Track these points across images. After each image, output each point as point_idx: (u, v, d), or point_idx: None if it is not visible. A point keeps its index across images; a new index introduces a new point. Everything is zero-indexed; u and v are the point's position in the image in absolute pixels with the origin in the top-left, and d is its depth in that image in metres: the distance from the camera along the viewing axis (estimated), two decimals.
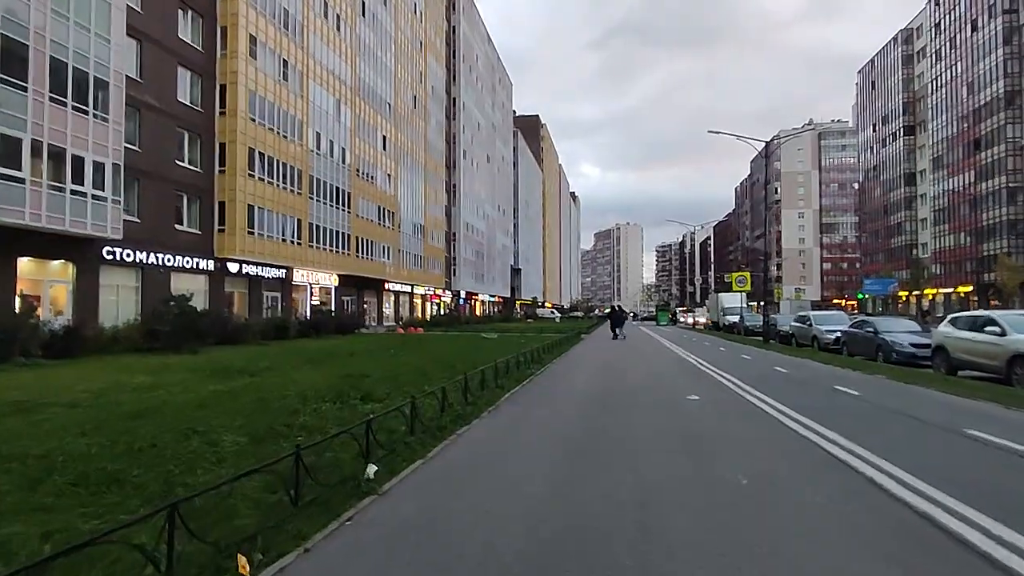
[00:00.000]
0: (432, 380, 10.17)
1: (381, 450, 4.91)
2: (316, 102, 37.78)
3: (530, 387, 10.54)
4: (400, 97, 52.26)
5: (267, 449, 5.01)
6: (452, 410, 7.10)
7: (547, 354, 17.28)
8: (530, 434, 6.35)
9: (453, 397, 7.75)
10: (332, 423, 6.23)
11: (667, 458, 5.27)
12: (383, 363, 13.85)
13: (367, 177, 45.61)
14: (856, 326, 19.50)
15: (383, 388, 9.16)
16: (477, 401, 8.03)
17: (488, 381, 9.63)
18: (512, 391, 9.71)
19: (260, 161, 32.08)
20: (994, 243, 56.43)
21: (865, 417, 7.56)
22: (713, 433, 6.57)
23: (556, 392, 9.95)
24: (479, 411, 7.53)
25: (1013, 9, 55.38)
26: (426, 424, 6.11)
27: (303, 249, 36.63)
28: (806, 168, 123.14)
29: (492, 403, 8.23)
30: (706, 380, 11.95)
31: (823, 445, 5.84)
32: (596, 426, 6.81)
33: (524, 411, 7.82)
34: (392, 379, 10.53)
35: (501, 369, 11.04)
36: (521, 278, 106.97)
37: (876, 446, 5.67)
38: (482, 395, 8.59)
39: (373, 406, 7.39)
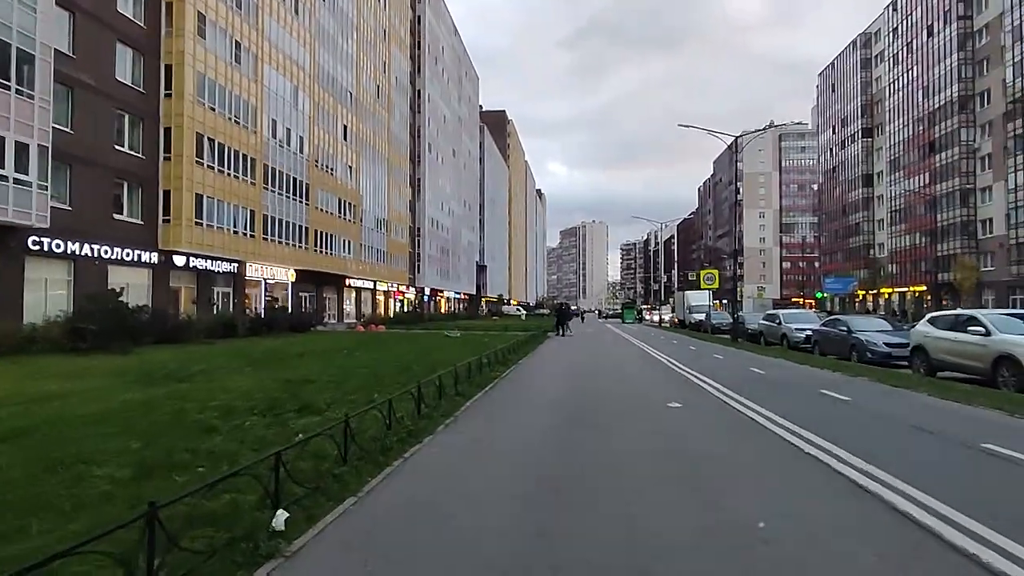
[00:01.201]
0: (384, 386, 9.06)
1: (300, 488, 3.80)
2: (271, 87, 35.90)
3: (494, 394, 9.51)
4: (362, 86, 50.49)
5: (149, 489, 3.84)
6: (402, 425, 6.02)
7: (513, 354, 16.30)
8: (491, 458, 5.32)
9: (405, 408, 6.68)
10: (250, 446, 5.08)
11: (662, 494, 4.30)
12: (334, 366, 12.63)
13: (327, 168, 43.81)
14: (828, 325, 19.11)
15: (327, 396, 8.00)
16: (433, 413, 6.96)
17: (447, 387, 8.57)
18: (473, 399, 8.67)
19: (210, 148, 30.17)
20: (948, 244, 57.97)
21: (868, 430, 6.79)
22: (707, 453, 5.66)
23: (523, 400, 8.95)
24: (434, 425, 6.47)
25: (967, 16, 56.85)
26: (367, 447, 5.03)
27: (257, 242, 34.76)
28: (767, 169, 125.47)
29: (450, 414, 7.17)
30: (683, 383, 11.14)
31: (838, 468, 4.99)
32: (571, 446, 5.82)
33: (486, 425, 6.80)
34: (339, 385, 9.37)
35: (462, 373, 10.00)
36: (487, 275, 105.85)
37: (899, 470, 4.85)
38: (439, 405, 7.52)
39: (310, 421, 6.26)
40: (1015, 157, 48.32)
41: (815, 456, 5.38)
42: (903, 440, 6.24)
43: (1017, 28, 47.93)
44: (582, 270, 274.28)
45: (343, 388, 9.01)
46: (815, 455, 5.42)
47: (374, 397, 7.79)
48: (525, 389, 10.29)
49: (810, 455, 5.43)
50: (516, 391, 10.03)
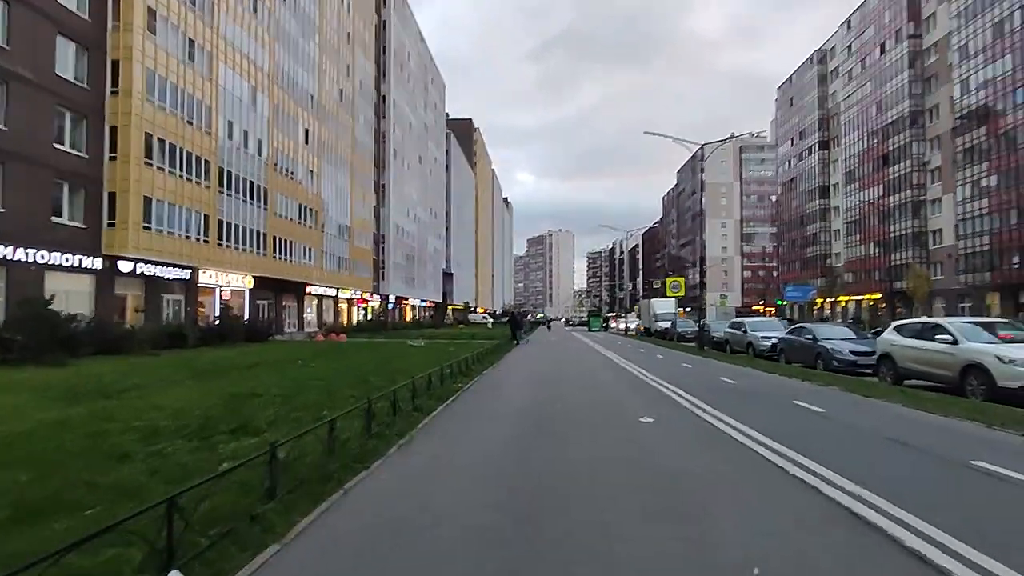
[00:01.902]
0: (337, 401, 8.36)
1: (208, 534, 3.13)
2: (228, 87, 34.61)
3: (455, 408, 8.89)
4: (324, 90, 49.35)
5: (12, 541, 3.10)
6: (348, 448, 5.36)
7: (477, 364, 15.69)
8: (449, 488, 4.68)
9: (353, 428, 6.02)
10: (164, 478, 4.36)
11: (641, 526, 3.78)
12: (286, 378, 11.81)
13: (286, 172, 42.51)
14: (794, 333, 19.11)
15: (270, 414, 7.26)
16: (385, 432, 6.30)
17: (404, 402, 7.92)
18: (433, 414, 8.04)
19: (160, 148, 28.77)
20: (901, 253, 59.89)
21: (849, 445, 6.43)
22: (684, 473, 5.18)
23: (486, 415, 8.36)
24: (385, 447, 5.81)
25: (917, 35, 59.15)
26: (303, 475, 4.37)
27: (211, 248, 33.31)
28: (728, 180, 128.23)
29: (404, 434, 6.52)
30: (654, 395, 10.73)
31: (825, 491, 4.56)
32: (539, 468, 5.26)
33: (444, 446, 6.18)
34: (288, 400, 8.62)
35: (422, 385, 9.36)
36: (453, 283, 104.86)
37: (890, 492, 4.46)
38: (394, 422, 6.87)
39: (243, 444, 5.53)
40: (963, 171, 50.24)
41: (800, 478, 4.95)
42: (888, 457, 5.89)
43: (964, 47, 49.99)
44: (549, 278, 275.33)
45: (291, 404, 8.26)
46: (800, 477, 4.99)
47: (323, 414, 7.09)
48: (489, 402, 9.70)
49: (795, 477, 5.00)
50: (479, 405, 9.43)
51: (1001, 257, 46.14)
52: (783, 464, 5.39)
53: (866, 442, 6.55)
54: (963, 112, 50.09)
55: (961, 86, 50.38)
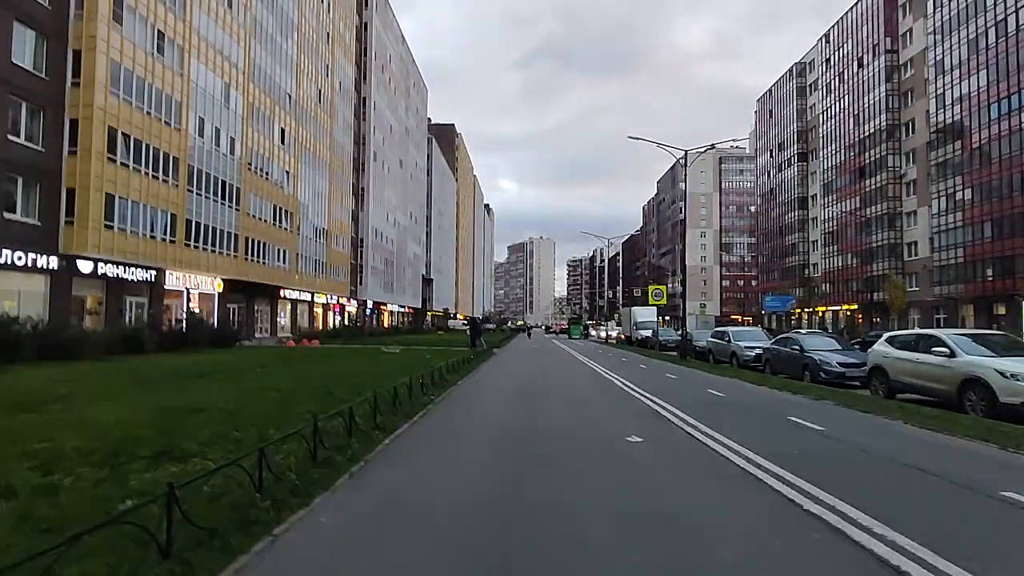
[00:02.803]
0: (290, 417, 7.47)
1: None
2: (199, 83, 33.38)
3: (423, 425, 8.04)
4: (302, 89, 48.22)
5: None
6: (286, 479, 4.50)
7: (453, 373, 14.84)
8: (400, 537, 3.77)
9: (302, 451, 5.16)
10: (34, 527, 3.45)
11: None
12: (240, 389, 10.84)
13: (261, 172, 41.26)
14: (780, 343, 18.61)
15: (206, 434, 6.35)
16: (335, 458, 5.43)
17: (364, 419, 7.07)
18: (396, 434, 7.17)
19: (124, 143, 27.49)
20: (877, 264, 60.45)
21: (862, 472, 5.75)
22: (682, 511, 4.42)
23: (458, 435, 7.50)
24: (333, 477, 4.94)
25: (894, 50, 60.04)
26: (218, 520, 3.51)
27: (178, 248, 31.98)
28: (708, 190, 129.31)
29: (359, 459, 5.66)
30: (640, 409, 10.00)
31: (857, 537, 3.84)
32: (519, 510, 4.41)
33: (405, 477, 5.24)
34: (233, 416, 7.69)
35: (390, 398, 8.50)
36: (433, 289, 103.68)
37: (928, 537, 3.78)
38: (349, 444, 6.00)
39: (162, 474, 4.63)
40: (937, 184, 50.86)
41: (823, 518, 4.22)
42: (911, 488, 5.20)
43: (940, 62, 50.72)
44: (529, 285, 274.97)
45: (236, 420, 7.34)
46: (823, 516, 4.26)
47: (269, 434, 6.20)
48: (461, 420, 8.86)
49: (817, 517, 4.27)
50: (450, 422, 8.58)
51: (975, 269, 46.66)
52: (799, 499, 4.66)
53: (880, 469, 5.86)
54: (938, 126, 50.77)
55: (936, 101, 51.09)
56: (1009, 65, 43.67)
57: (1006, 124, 43.97)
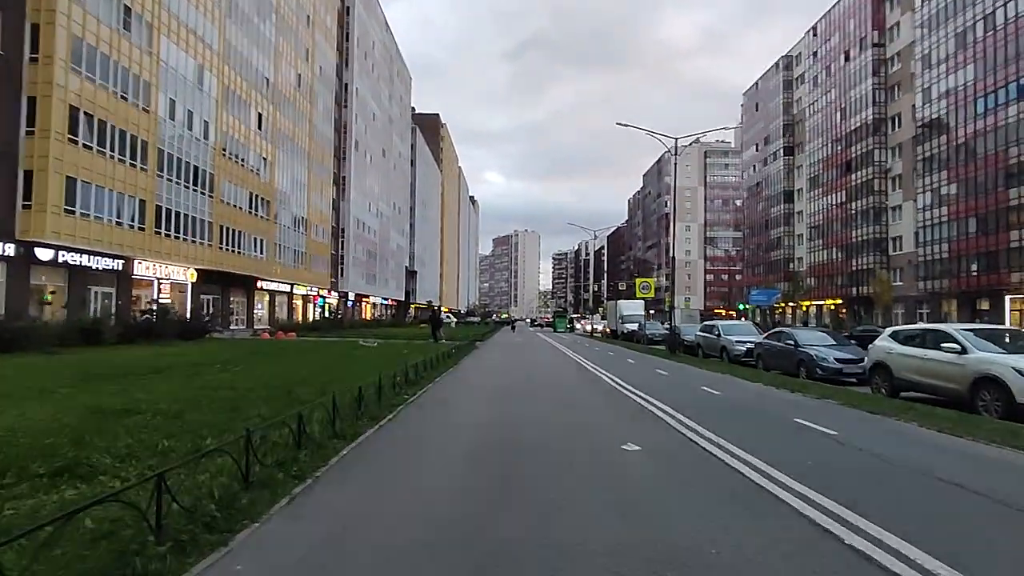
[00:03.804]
0: (239, 422, 6.53)
1: None
2: (170, 63, 31.87)
3: (390, 432, 7.10)
4: (281, 73, 46.64)
5: None
6: (201, 510, 3.57)
7: (431, 369, 13.94)
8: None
9: (232, 470, 4.23)
10: None
11: None
12: (192, 387, 9.84)
13: (236, 158, 39.79)
14: (773, 338, 17.95)
15: (128, 444, 5.39)
16: (275, 476, 4.51)
17: (324, 424, 6.15)
18: (357, 442, 6.25)
19: (87, 124, 26.05)
20: (862, 259, 60.46)
21: (894, 488, 4.98)
22: (695, 550, 3.58)
23: (428, 445, 6.58)
24: (266, 504, 3.99)
25: (881, 43, 59.83)
26: (98, 567, 2.60)
27: (147, 236, 30.60)
28: (693, 184, 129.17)
29: (306, 477, 4.73)
30: (634, 411, 9.19)
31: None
32: (491, 549, 3.55)
33: (356, 502, 4.27)
34: (172, 420, 6.74)
35: (358, 398, 7.58)
36: (416, 281, 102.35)
37: None
38: (297, 458, 5.07)
39: (51, 499, 3.68)
40: (923, 178, 50.78)
41: (871, 556, 3.41)
42: (965, 514, 4.40)
43: (927, 56, 50.53)
44: (514, 278, 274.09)
45: (173, 425, 6.39)
46: (870, 553, 3.45)
47: (206, 444, 5.27)
48: (435, 425, 7.96)
49: (864, 554, 3.46)
50: (422, 426, 7.68)
51: (959, 264, 46.68)
52: (835, 528, 3.86)
53: (916, 486, 5.08)
54: (924, 121, 50.64)
55: (923, 95, 50.93)
56: (996, 59, 43.50)
57: (992, 119, 43.86)
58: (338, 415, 6.46)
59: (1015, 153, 41.73)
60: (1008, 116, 42.44)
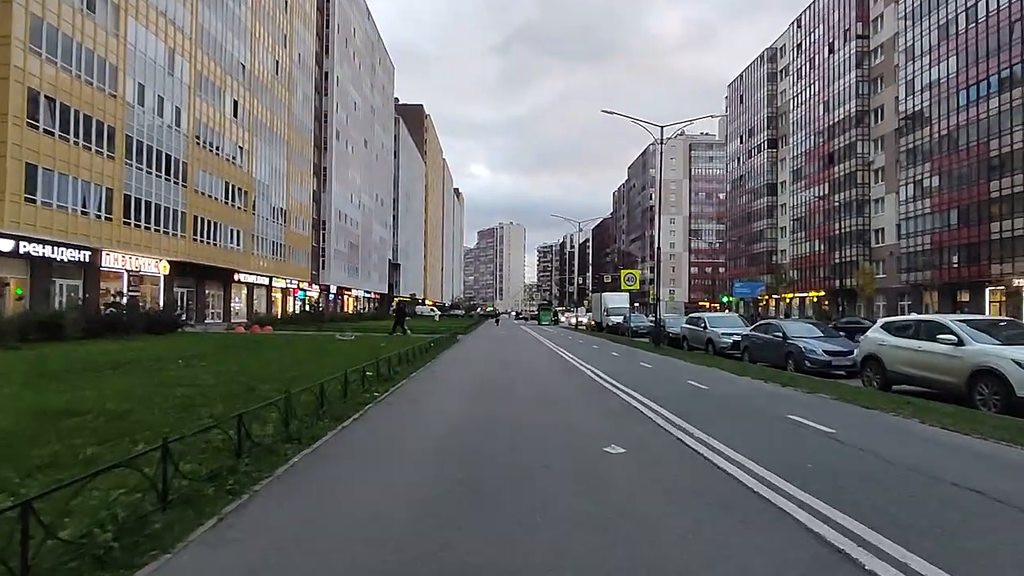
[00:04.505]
0: (187, 423, 5.89)
1: None
2: (138, 46, 30.65)
3: (353, 434, 6.46)
4: (258, 59, 45.36)
5: None
6: (95, 540, 2.95)
7: (407, 364, 13.31)
8: None
9: (141, 490, 3.61)
10: None
11: None
12: (149, 384, 9.14)
13: (211, 147, 38.61)
14: (760, 330, 17.58)
15: (51, 450, 4.72)
16: (204, 491, 3.88)
17: (274, 425, 5.52)
18: (313, 447, 5.62)
19: (49, 108, 24.92)
20: (844, 251, 60.72)
21: (905, 496, 4.48)
22: (695, 572, 3.05)
23: (393, 449, 5.96)
24: (186, 528, 3.32)
25: (865, 35, 59.86)
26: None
27: (116, 227, 29.51)
28: (677, 176, 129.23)
29: (242, 492, 4.12)
30: (617, 407, 8.67)
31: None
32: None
33: (296, 524, 3.60)
34: (115, 421, 6.08)
35: (319, 396, 6.96)
36: (400, 274, 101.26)
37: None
38: (236, 467, 4.45)
39: None
40: (906, 171, 50.96)
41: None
42: (991, 527, 3.92)
43: (910, 48, 50.58)
44: (499, 271, 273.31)
45: (112, 429, 5.73)
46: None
47: (137, 449, 4.62)
48: (404, 422, 7.35)
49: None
50: (391, 426, 7.07)
51: (941, 256, 46.96)
52: (850, 549, 3.34)
53: (930, 492, 4.60)
54: (907, 113, 50.76)
55: (906, 87, 51.01)
56: (979, 51, 43.60)
57: (974, 111, 44.01)
58: (294, 416, 5.83)
59: (997, 145, 41.92)
60: (990, 108, 42.59)
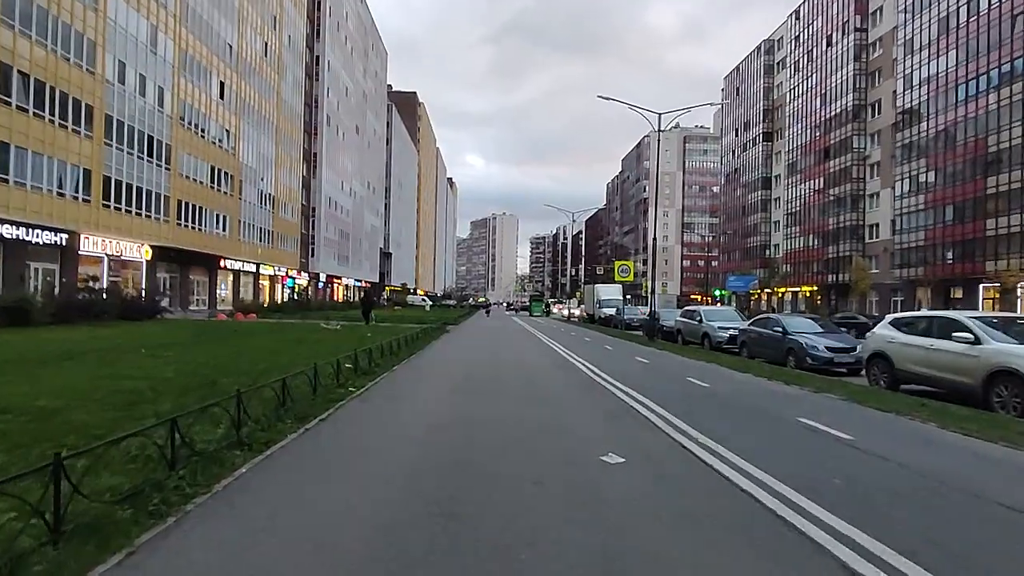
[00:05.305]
0: (127, 423, 5.17)
1: None
2: (119, 22, 29.51)
3: (313, 439, 5.74)
4: (246, 40, 44.12)
5: None
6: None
7: (391, 356, 12.62)
8: None
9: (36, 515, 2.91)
10: None
11: None
12: (98, 377, 8.39)
13: (196, 129, 37.50)
14: (759, 324, 17.00)
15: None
16: (115, 515, 3.16)
17: (224, 427, 4.82)
18: (268, 453, 4.92)
19: (21, 84, 23.86)
20: (838, 246, 60.39)
21: (949, 517, 3.91)
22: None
23: (359, 457, 5.28)
24: (79, 569, 2.68)
25: (864, 28, 59.24)
26: None
27: (94, 209, 28.51)
28: (671, 169, 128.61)
29: (168, 514, 3.40)
30: (615, 408, 8.03)
31: None
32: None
33: (226, 561, 2.90)
34: (36, 422, 5.36)
35: (281, 392, 6.25)
36: (391, 263, 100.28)
37: None
38: (164, 483, 3.75)
39: None
40: (902, 166, 50.55)
41: None
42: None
43: (909, 42, 50.01)
44: (492, 262, 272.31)
45: (35, 431, 5.01)
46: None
47: (58, 446, 3.89)
48: (378, 424, 6.66)
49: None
50: (362, 429, 6.37)
51: (935, 252, 46.67)
52: None
53: (985, 518, 3.97)
54: (904, 108, 50.28)
55: (904, 81, 50.48)
56: (979, 45, 43.07)
57: (972, 106, 43.55)
58: (248, 417, 5.13)
59: (994, 141, 41.52)
60: (988, 104, 42.14)
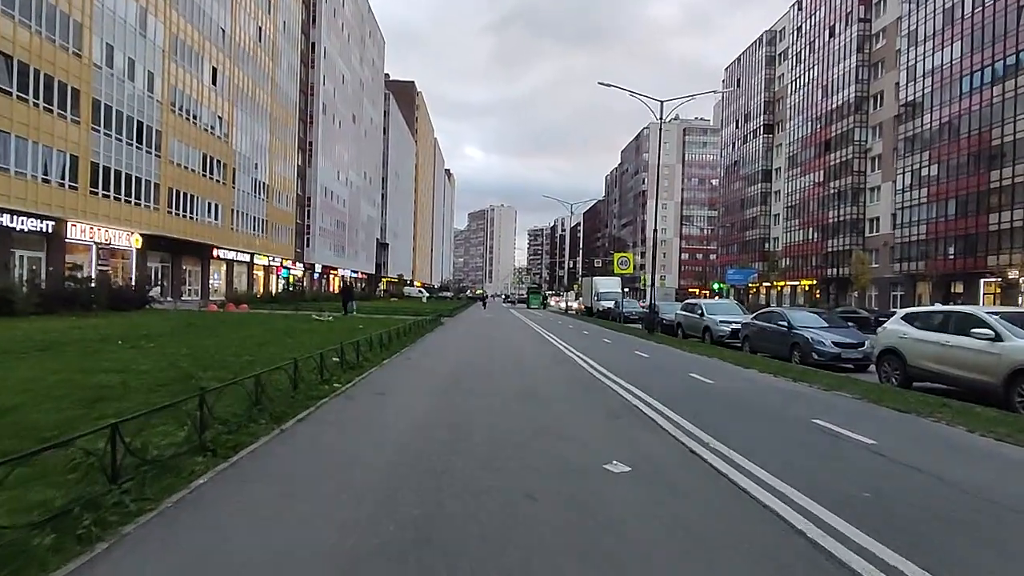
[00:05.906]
0: (84, 423, 4.66)
1: None
2: (107, 3, 28.75)
3: (287, 442, 5.23)
4: (239, 25, 43.25)
5: None
6: None
7: (383, 350, 12.11)
8: None
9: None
10: None
11: None
12: (68, 370, 7.88)
13: (187, 115, 36.74)
14: (763, 318, 16.53)
15: None
16: (23, 550, 2.60)
17: (187, 429, 4.32)
18: (230, 462, 4.41)
19: (5, 66, 23.16)
20: (838, 240, 59.95)
21: (1005, 543, 3.38)
22: None
23: (335, 465, 4.73)
24: None
25: (867, 19, 58.48)
26: None
27: (81, 196, 27.84)
28: (671, 161, 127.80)
29: (104, 536, 2.84)
30: (616, 407, 7.54)
31: None
32: None
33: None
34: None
35: (255, 390, 5.74)
36: (388, 254, 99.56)
37: None
38: (101, 501, 3.24)
39: None
40: (903, 159, 50.02)
41: None
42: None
43: (913, 33, 49.32)
44: (489, 254, 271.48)
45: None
46: None
47: None
48: (358, 426, 6.13)
49: None
50: (341, 431, 5.82)
51: (936, 247, 46.25)
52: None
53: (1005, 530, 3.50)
54: (907, 100, 49.68)
55: (907, 72, 49.85)
56: (984, 37, 42.44)
57: (976, 99, 42.97)
58: (214, 418, 4.62)
59: (999, 134, 40.99)
60: (993, 96, 41.57)
